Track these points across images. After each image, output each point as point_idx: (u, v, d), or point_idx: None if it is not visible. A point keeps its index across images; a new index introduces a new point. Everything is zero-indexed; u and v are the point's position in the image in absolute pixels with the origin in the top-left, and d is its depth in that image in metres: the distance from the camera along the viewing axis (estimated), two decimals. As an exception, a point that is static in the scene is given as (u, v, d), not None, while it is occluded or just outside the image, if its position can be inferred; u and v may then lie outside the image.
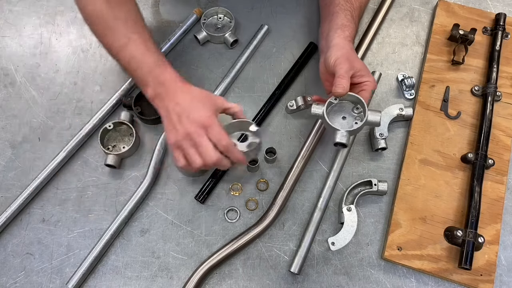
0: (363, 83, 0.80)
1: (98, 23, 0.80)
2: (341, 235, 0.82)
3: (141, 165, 0.93)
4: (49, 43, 1.04)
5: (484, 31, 1.02)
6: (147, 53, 0.78)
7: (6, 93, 0.99)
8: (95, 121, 0.94)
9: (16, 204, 0.86)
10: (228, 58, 1.02)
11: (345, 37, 0.83)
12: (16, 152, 0.93)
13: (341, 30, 0.84)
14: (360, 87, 0.81)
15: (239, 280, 0.84)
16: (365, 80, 0.80)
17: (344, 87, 0.76)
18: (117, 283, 0.84)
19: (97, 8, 0.78)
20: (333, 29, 0.85)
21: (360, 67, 0.80)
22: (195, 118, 0.73)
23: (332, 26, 0.85)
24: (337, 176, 0.90)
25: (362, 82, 0.80)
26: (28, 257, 0.86)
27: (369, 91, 0.80)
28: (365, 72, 0.81)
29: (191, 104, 0.75)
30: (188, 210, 0.89)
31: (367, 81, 0.80)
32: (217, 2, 1.08)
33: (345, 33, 0.84)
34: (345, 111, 0.82)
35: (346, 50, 0.81)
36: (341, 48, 0.81)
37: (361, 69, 0.80)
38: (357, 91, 0.80)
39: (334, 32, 0.84)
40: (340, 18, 0.86)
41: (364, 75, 0.80)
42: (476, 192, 0.85)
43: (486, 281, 0.82)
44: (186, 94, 0.76)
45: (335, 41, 0.82)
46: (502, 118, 0.95)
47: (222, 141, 0.73)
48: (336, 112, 0.81)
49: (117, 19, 0.78)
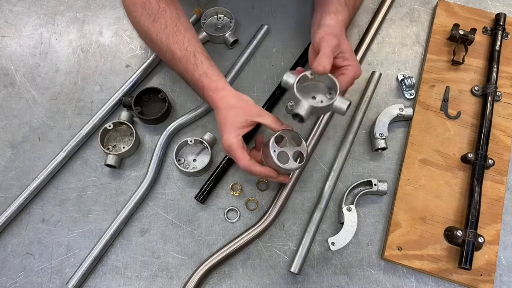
0: (344, 67, 0.76)
1: (146, 39, 0.86)
2: (341, 235, 0.82)
3: (141, 165, 0.93)
4: (49, 43, 1.04)
5: (484, 31, 1.02)
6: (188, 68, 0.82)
7: (6, 93, 0.99)
8: (95, 121, 0.94)
9: (16, 204, 0.86)
10: (228, 58, 1.02)
11: (337, 20, 0.80)
12: (16, 152, 0.93)
13: (334, 14, 0.80)
14: (340, 70, 0.76)
15: (239, 280, 0.84)
16: (347, 63, 0.76)
17: (325, 66, 0.71)
18: (117, 283, 0.84)
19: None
20: (326, 13, 0.81)
21: (346, 49, 0.76)
22: (223, 138, 0.78)
23: (325, 11, 0.82)
24: (337, 176, 0.90)
25: (344, 65, 0.76)
26: (28, 257, 0.86)
27: (350, 76, 0.76)
28: (350, 56, 0.77)
29: (221, 124, 0.79)
30: (188, 210, 0.89)
31: (349, 66, 0.76)
32: (217, 2, 1.08)
33: (338, 17, 0.80)
34: (318, 92, 0.76)
35: (336, 30, 0.77)
36: (330, 27, 0.77)
37: (346, 51, 0.76)
38: (337, 74, 0.76)
39: (327, 15, 0.80)
40: (334, 4, 0.82)
41: (348, 58, 0.76)
42: (476, 192, 0.85)
43: (486, 281, 0.82)
44: (220, 110, 0.79)
45: (327, 22, 0.79)
46: (502, 118, 0.95)
47: (239, 162, 0.77)
48: (309, 90, 0.76)
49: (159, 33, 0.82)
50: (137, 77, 0.98)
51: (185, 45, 0.81)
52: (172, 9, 0.83)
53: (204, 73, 0.80)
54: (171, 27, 0.81)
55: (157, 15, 0.81)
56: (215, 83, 0.80)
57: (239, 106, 0.79)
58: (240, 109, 0.78)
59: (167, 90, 0.98)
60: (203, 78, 0.80)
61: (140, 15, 0.83)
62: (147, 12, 0.82)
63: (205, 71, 0.81)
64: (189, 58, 0.81)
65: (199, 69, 0.80)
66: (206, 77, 0.80)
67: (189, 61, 0.81)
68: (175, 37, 0.81)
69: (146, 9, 0.82)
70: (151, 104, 0.96)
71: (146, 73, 0.99)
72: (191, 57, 0.81)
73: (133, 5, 0.83)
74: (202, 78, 0.80)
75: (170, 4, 0.83)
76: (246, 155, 0.76)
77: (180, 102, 0.98)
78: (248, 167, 0.76)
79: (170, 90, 0.99)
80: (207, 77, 0.80)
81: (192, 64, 0.81)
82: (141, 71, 0.98)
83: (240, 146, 0.76)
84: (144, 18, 0.82)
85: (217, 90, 0.80)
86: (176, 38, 0.81)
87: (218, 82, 0.80)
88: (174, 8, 0.83)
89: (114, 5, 1.07)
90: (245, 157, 0.76)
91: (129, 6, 0.84)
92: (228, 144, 0.77)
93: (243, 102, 0.79)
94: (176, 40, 0.81)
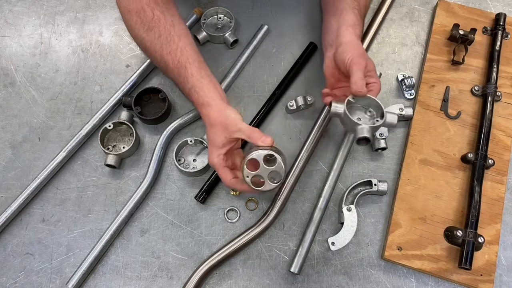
0: (371, 84, 0.80)
1: (142, 47, 0.86)
2: (341, 235, 0.82)
3: (141, 165, 0.93)
4: (49, 43, 1.04)
5: (484, 31, 1.02)
6: (179, 81, 0.82)
7: (6, 93, 0.99)
8: (95, 121, 0.94)
9: (16, 204, 0.86)
10: (228, 58, 1.02)
11: (356, 36, 0.83)
12: (16, 152, 0.93)
13: (352, 28, 0.83)
14: (368, 87, 0.79)
15: (239, 280, 0.84)
16: (372, 81, 0.80)
17: (364, 88, 0.76)
18: (117, 283, 0.84)
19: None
20: (345, 25, 0.83)
21: (372, 67, 0.80)
22: (208, 158, 0.80)
23: (343, 22, 0.84)
24: (337, 176, 0.90)
25: (370, 83, 0.80)
26: (28, 257, 0.86)
27: (376, 92, 0.79)
28: (374, 74, 0.81)
29: (208, 141, 0.80)
30: (188, 210, 0.89)
31: (375, 83, 0.80)
32: (217, 2, 1.08)
33: (356, 32, 0.83)
34: (359, 112, 0.80)
35: (362, 50, 0.80)
36: (356, 47, 0.80)
37: (372, 69, 0.80)
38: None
39: (345, 29, 0.83)
40: (350, 15, 0.84)
41: (373, 76, 0.80)
42: (476, 192, 0.85)
43: (486, 281, 0.82)
44: (206, 125, 0.80)
45: (349, 38, 0.81)
46: (502, 118, 0.95)
47: (224, 182, 0.78)
48: (351, 112, 0.78)
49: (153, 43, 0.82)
50: (137, 77, 0.98)
51: (177, 56, 0.80)
52: (167, 17, 0.81)
53: (193, 87, 0.80)
54: (165, 36, 0.80)
55: (151, 23, 0.80)
56: (202, 98, 0.79)
57: (218, 123, 0.77)
58: (219, 126, 0.77)
59: (167, 90, 0.98)
60: (192, 92, 0.80)
61: (135, 23, 0.82)
62: (142, 20, 0.81)
63: (193, 84, 0.80)
64: (180, 71, 0.80)
65: (189, 82, 0.80)
66: (194, 91, 0.80)
67: (180, 74, 0.80)
68: (168, 47, 0.80)
69: (141, 18, 0.81)
70: (151, 104, 0.96)
71: (146, 73, 0.99)
72: (182, 70, 0.80)
73: (128, 12, 0.82)
74: (191, 92, 0.80)
75: (165, 11, 0.82)
76: (228, 174, 0.77)
77: (180, 102, 0.98)
78: (231, 185, 0.78)
79: (170, 90, 0.99)
80: (195, 91, 0.80)
81: (183, 77, 0.80)
82: (141, 71, 0.98)
83: (222, 166, 0.78)
84: (138, 26, 0.81)
85: (203, 105, 0.79)
86: (169, 48, 0.80)
87: (204, 97, 0.79)
88: (169, 16, 0.82)
89: (114, 5, 1.07)
90: (227, 176, 0.77)
91: (124, 14, 0.83)
92: (212, 164, 0.79)
93: (222, 118, 0.77)
94: (169, 50, 0.80)
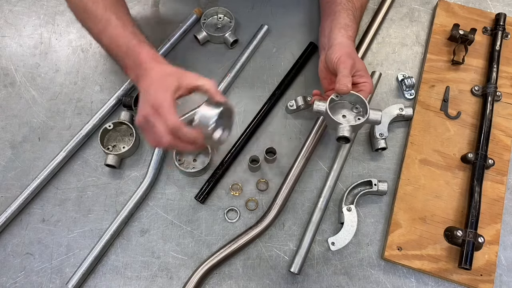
0: (361, 83, 0.81)
1: (79, 8, 0.79)
2: (341, 235, 0.82)
3: (141, 165, 0.93)
4: (49, 43, 1.04)
5: (484, 31, 1.02)
6: (124, 35, 0.77)
7: (6, 93, 0.99)
8: (95, 121, 0.94)
9: (16, 204, 0.86)
10: (228, 58, 1.02)
11: (348, 37, 0.84)
12: (16, 152, 0.93)
13: (344, 30, 0.85)
14: (358, 87, 0.81)
15: (239, 280, 0.84)
16: (363, 81, 0.81)
17: (348, 86, 0.77)
18: (117, 283, 0.84)
19: None
20: (337, 28, 0.85)
21: (361, 67, 0.81)
22: (150, 100, 0.70)
23: (335, 24, 0.86)
24: (337, 176, 0.90)
25: (361, 82, 0.81)
26: (28, 257, 0.86)
27: (367, 92, 0.81)
28: (365, 73, 0.82)
29: (152, 85, 0.72)
30: (188, 210, 0.89)
31: (366, 82, 0.81)
32: (217, 2, 1.08)
33: (348, 33, 0.85)
34: (345, 109, 0.82)
35: (350, 49, 0.82)
36: (344, 47, 0.81)
37: (361, 69, 0.81)
38: (356, 91, 0.80)
39: (338, 31, 0.85)
40: (343, 17, 0.86)
41: (363, 75, 0.81)
42: (476, 192, 0.85)
43: (486, 281, 0.82)
44: (154, 74, 0.73)
45: (339, 39, 0.83)
46: (502, 118, 0.95)
47: (168, 121, 0.68)
48: (336, 110, 0.82)
49: (95, 2, 0.77)
50: (137, 77, 0.98)
51: (124, 14, 0.79)
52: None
53: (144, 41, 0.78)
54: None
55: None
56: (156, 54, 0.77)
57: (176, 72, 0.74)
58: (177, 74, 0.73)
59: (167, 90, 0.98)
60: (142, 44, 0.77)
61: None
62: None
63: (144, 40, 0.78)
64: (127, 25, 0.78)
65: (138, 36, 0.78)
66: (146, 45, 0.77)
67: (126, 28, 0.78)
68: (114, 8, 0.78)
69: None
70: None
71: (146, 73, 0.99)
72: (129, 26, 0.78)
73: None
74: (141, 44, 0.77)
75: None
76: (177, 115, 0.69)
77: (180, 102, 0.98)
78: (177, 126, 0.68)
79: (170, 90, 0.99)
80: (147, 45, 0.77)
81: (130, 31, 0.78)
82: (141, 71, 0.98)
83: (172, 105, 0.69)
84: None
85: (157, 60, 0.76)
86: (115, 9, 0.78)
87: (159, 56, 0.77)
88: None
89: (114, 5, 1.07)
90: (176, 116, 0.69)
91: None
92: (159, 103, 0.69)
93: (181, 70, 0.75)
94: (115, 10, 0.78)
